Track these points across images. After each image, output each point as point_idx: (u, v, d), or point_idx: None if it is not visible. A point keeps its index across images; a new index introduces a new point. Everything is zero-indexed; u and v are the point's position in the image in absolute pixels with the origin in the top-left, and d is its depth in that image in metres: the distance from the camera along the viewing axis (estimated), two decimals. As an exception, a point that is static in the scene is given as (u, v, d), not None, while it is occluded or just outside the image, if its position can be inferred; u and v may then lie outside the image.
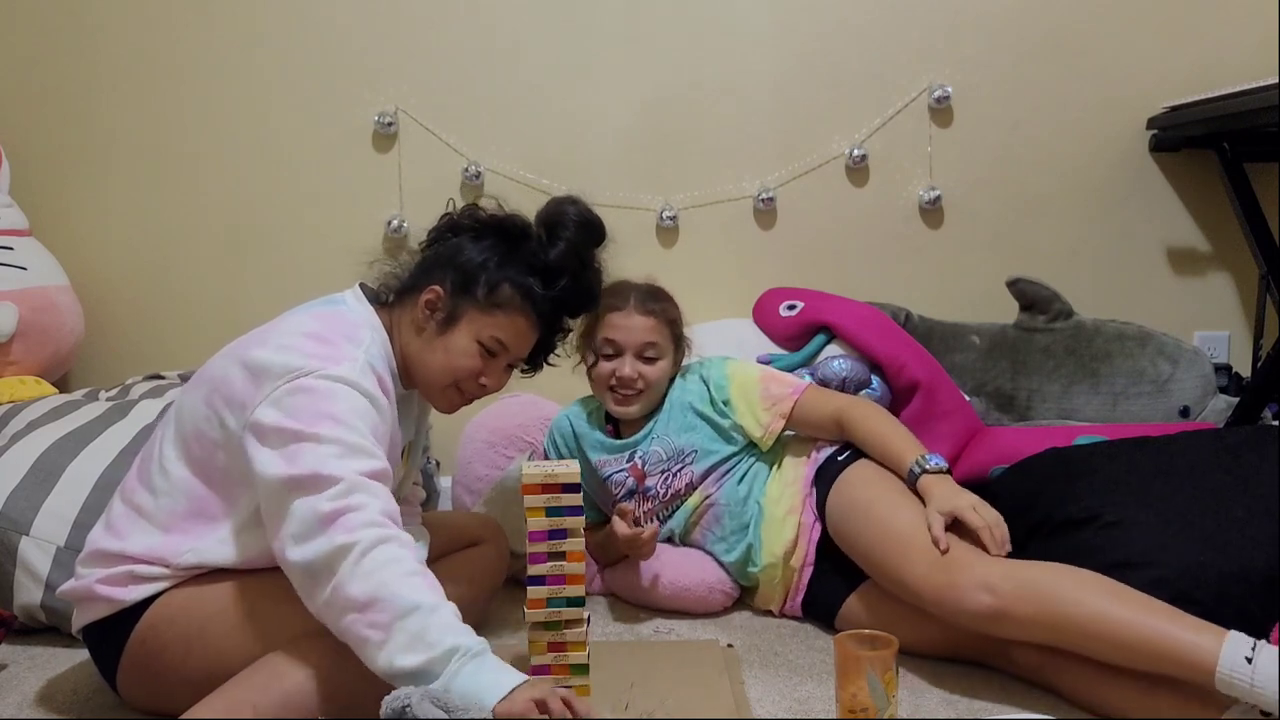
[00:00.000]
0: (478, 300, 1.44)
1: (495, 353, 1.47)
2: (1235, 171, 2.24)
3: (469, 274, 1.45)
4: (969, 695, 1.45)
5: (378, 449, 1.28)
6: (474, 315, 1.45)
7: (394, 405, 1.41)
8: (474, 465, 2.09)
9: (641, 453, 1.85)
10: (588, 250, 1.52)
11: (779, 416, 1.78)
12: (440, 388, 1.48)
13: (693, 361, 1.94)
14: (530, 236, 1.50)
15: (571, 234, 1.50)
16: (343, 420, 1.25)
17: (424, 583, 1.19)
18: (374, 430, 1.29)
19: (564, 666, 1.43)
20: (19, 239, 2.29)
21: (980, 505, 1.50)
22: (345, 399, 1.27)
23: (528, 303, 1.47)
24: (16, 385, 2.12)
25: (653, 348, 1.83)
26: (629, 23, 2.39)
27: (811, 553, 1.73)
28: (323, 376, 1.28)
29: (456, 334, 1.45)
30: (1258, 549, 1.44)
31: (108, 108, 2.43)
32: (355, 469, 1.22)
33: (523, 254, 1.47)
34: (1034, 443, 1.94)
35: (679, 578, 1.78)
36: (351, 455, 1.23)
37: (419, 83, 2.40)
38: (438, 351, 1.45)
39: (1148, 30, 2.37)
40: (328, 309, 1.44)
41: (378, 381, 1.35)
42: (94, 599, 1.34)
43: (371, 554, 1.17)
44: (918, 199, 2.42)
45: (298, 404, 1.26)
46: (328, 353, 1.32)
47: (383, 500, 1.23)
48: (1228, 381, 2.31)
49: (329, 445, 1.23)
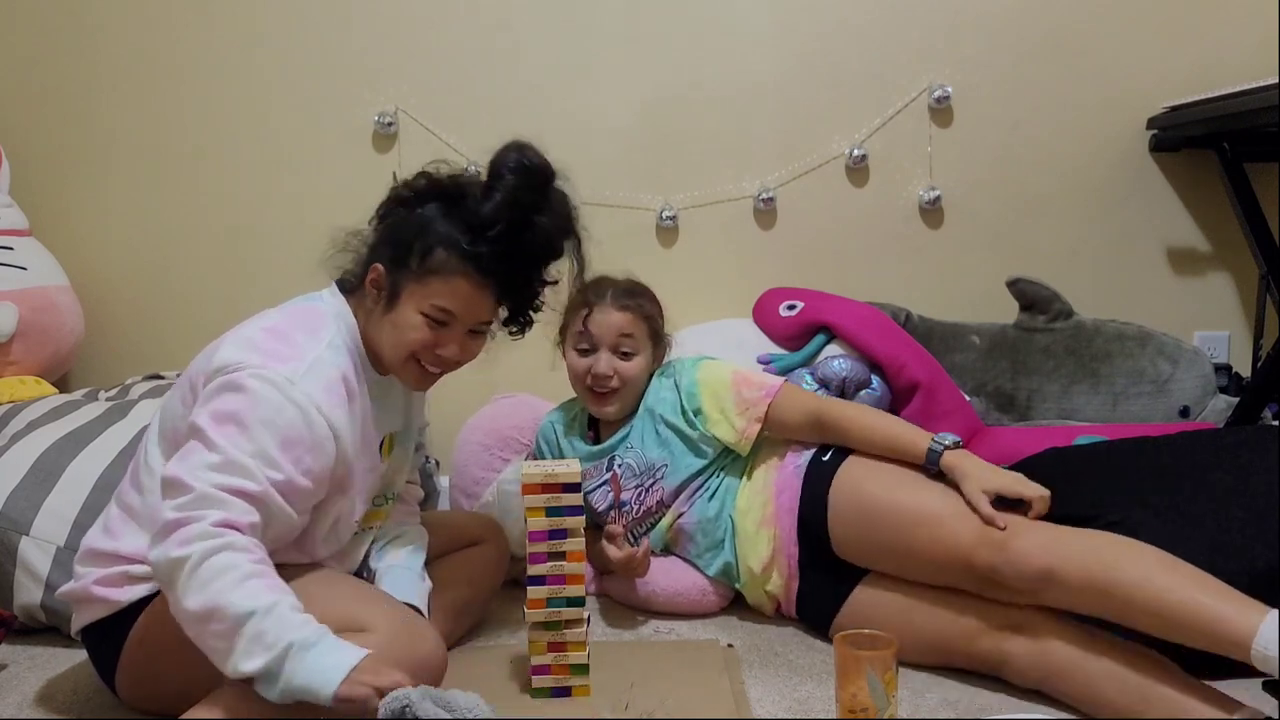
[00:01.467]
0: (412, 270, 1.39)
1: (444, 321, 1.40)
2: (1235, 171, 2.24)
3: (402, 245, 1.40)
4: (969, 695, 1.45)
5: (269, 469, 1.25)
6: (412, 287, 1.39)
7: (363, 396, 1.40)
8: (470, 468, 2.08)
9: (619, 460, 1.83)
10: (529, 195, 1.41)
11: (754, 421, 1.73)
12: (399, 365, 1.43)
13: (669, 361, 1.89)
14: (466, 193, 1.41)
15: (510, 181, 1.40)
16: (249, 428, 1.24)
17: (261, 585, 1.17)
18: (284, 442, 1.26)
19: (564, 666, 1.43)
20: (19, 239, 2.29)
21: (1022, 479, 1.48)
22: (265, 405, 1.26)
23: (467, 263, 1.38)
24: (16, 385, 2.12)
25: (629, 341, 1.79)
26: (629, 23, 2.39)
27: (794, 567, 1.69)
28: (255, 375, 1.27)
29: (400, 309, 1.40)
30: (1258, 549, 1.44)
31: (108, 108, 2.43)
32: (217, 482, 1.21)
33: (459, 213, 1.40)
34: (1034, 443, 1.94)
35: (672, 584, 1.78)
36: (224, 470, 1.22)
37: (419, 83, 2.40)
38: (387, 329, 1.41)
39: (1148, 30, 2.37)
40: (302, 304, 1.43)
41: (338, 378, 1.34)
42: (91, 600, 1.34)
43: (204, 565, 1.16)
44: (918, 199, 2.42)
45: (219, 401, 1.26)
46: (275, 349, 1.31)
47: (232, 512, 1.21)
48: (1228, 381, 2.31)
49: (211, 454, 1.23)
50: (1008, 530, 1.41)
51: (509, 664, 1.54)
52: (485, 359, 2.24)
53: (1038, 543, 1.38)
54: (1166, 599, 1.25)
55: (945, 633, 1.49)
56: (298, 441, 1.27)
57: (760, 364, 2.19)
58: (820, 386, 2.12)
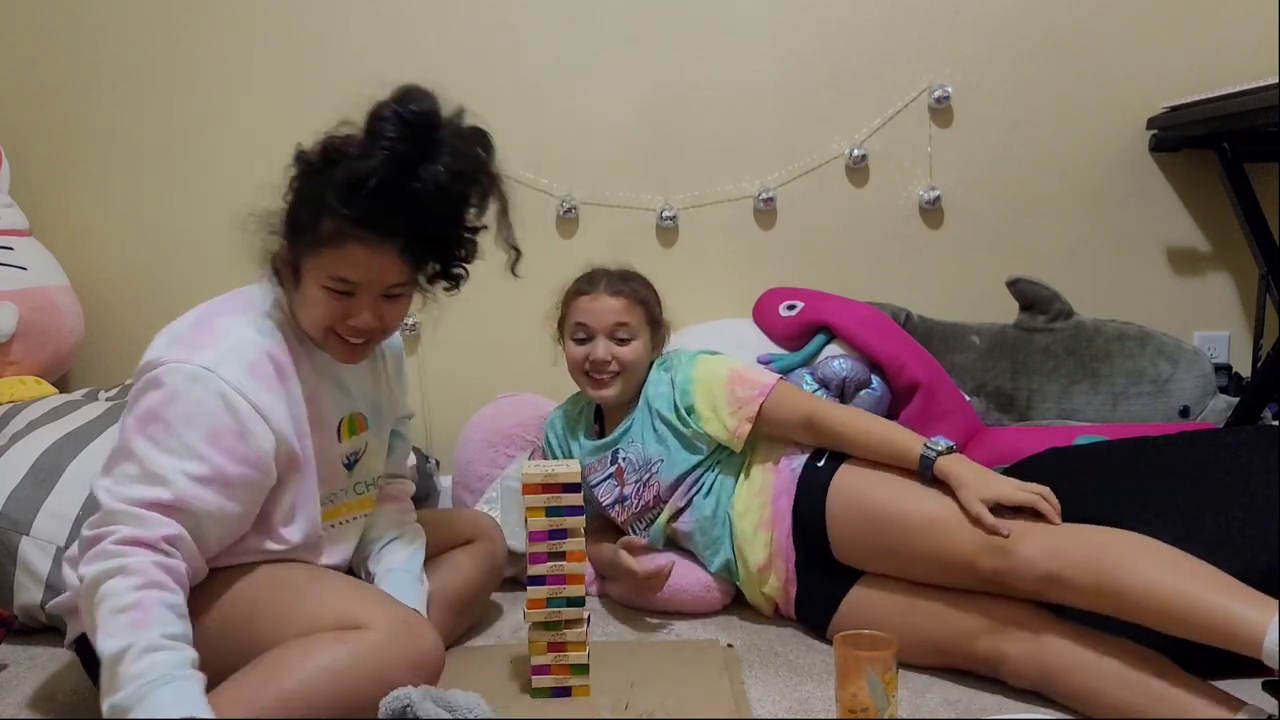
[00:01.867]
0: (307, 244, 1.33)
1: (348, 291, 1.34)
2: (1235, 171, 2.24)
3: (292, 220, 1.35)
4: (969, 695, 1.45)
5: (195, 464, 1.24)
6: (310, 261, 1.34)
7: (308, 374, 1.38)
8: (474, 465, 2.09)
9: (623, 454, 1.83)
10: (410, 144, 1.30)
11: (745, 420, 1.72)
12: (320, 341, 1.40)
13: (671, 352, 1.89)
14: (345, 153, 1.31)
15: (385, 129, 1.30)
16: (172, 425, 1.24)
17: (124, 621, 1.14)
18: (211, 434, 1.25)
19: (564, 666, 1.43)
20: (19, 239, 2.29)
21: (1021, 485, 1.47)
22: (185, 399, 1.25)
23: (356, 227, 1.29)
24: (16, 385, 2.12)
25: (624, 328, 1.80)
26: (629, 23, 2.39)
27: (791, 570, 1.68)
28: (173, 370, 1.26)
29: (305, 285, 1.35)
30: (1258, 549, 1.44)
31: (108, 108, 2.43)
32: (130, 496, 1.21)
33: (342, 173, 1.29)
34: (1034, 443, 1.94)
35: (676, 579, 1.77)
36: (140, 481, 1.22)
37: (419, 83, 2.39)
38: (300, 307, 1.38)
39: (1148, 30, 2.37)
40: (237, 291, 1.42)
41: (262, 358, 1.32)
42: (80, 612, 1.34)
43: (97, 590, 1.17)
44: (918, 199, 2.42)
45: (142, 402, 1.26)
46: (195, 338, 1.30)
47: (142, 527, 1.20)
48: (1228, 381, 2.31)
49: (129, 464, 1.23)
50: (1011, 535, 1.41)
51: (509, 664, 1.54)
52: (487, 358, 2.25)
53: (1042, 547, 1.37)
54: (1176, 597, 1.25)
55: (943, 633, 1.49)
56: (225, 430, 1.26)
57: (760, 364, 2.19)
58: (820, 386, 2.12)
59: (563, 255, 2.39)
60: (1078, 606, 1.37)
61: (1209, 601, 1.23)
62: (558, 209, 2.41)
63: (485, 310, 2.44)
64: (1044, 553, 1.37)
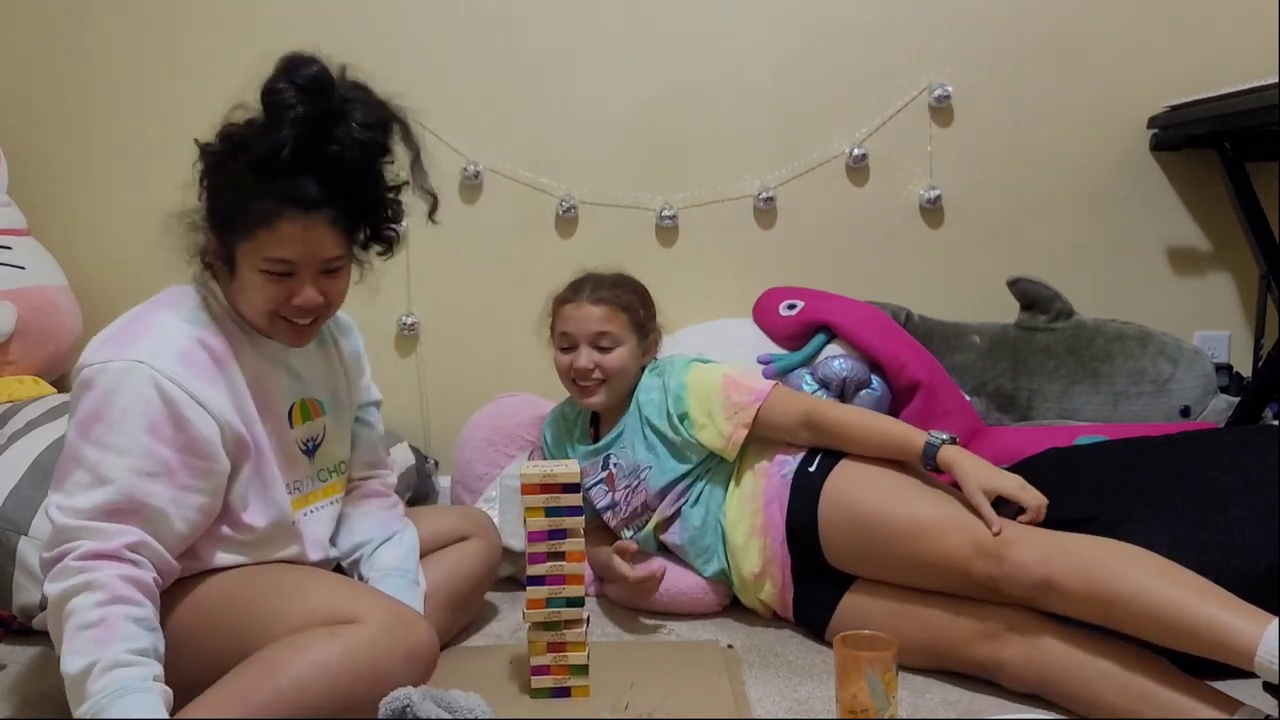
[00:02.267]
0: (236, 232, 1.31)
1: (287, 271, 1.33)
2: (1236, 171, 2.24)
3: (214, 212, 1.34)
4: (969, 695, 1.45)
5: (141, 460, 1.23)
6: (243, 248, 1.32)
7: (250, 361, 1.37)
8: (474, 464, 2.09)
9: (614, 459, 1.83)
10: (313, 107, 1.28)
11: (741, 426, 1.70)
12: (268, 327, 1.38)
13: (664, 358, 1.88)
14: (250, 133, 1.30)
15: (285, 99, 1.28)
16: (112, 423, 1.23)
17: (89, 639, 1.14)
18: (151, 426, 1.24)
19: (564, 667, 1.43)
20: (18, 239, 2.29)
21: (1023, 484, 1.48)
22: (120, 395, 1.24)
23: (282, 203, 1.28)
24: (15, 385, 2.12)
25: (606, 337, 1.78)
26: (629, 22, 2.39)
27: (787, 576, 1.67)
28: (104, 369, 1.25)
29: (241, 273, 1.34)
30: (1259, 549, 1.44)
31: (108, 108, 2.42)
32: (84, 506, 1.21)
33: (251, 156, 1.28)
34: (1034, 443, 1.94)
35: (674, 583, 1.77)
36: (90, 487, 1.21)
37: (419, 82, 2.38)
38: (240, 297, 1.36)
39: (1148, 30, 2.37)
40: (171, 288, 1.41)
41: (194, 346, 1.31)
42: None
43: (63, 607, 1.17)
44: (918, 199, 2.42)
45: (81, 406, 1.25)
46: (125, 335, 1.30)
47: (101, 539, 1.20)
48: (1228, 381, 2.31)
49: (80, 471, 1.23)
50: (1006, 540, 1.41)
51: (509, 664, 1.54)
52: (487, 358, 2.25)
53: (1036, 553, 1.37)
54: (1168, 607, 1.25)
55: (938, 638, 1.48)
56: (163, 420, 1.25)
57: (760, 364, 2.18)
58: (820, 386, 2.12)
59: (562, 255, 2.40)
60: (1069, 614, 1.37)
61: (1200, 611, 1.23)
62: (558, 209, 2.41)
63: (485, 310, 2.45)
64: (1038, 558, 1.37)
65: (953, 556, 1.45)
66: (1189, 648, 1.25)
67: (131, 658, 1.14)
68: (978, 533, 1.44)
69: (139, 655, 1.15)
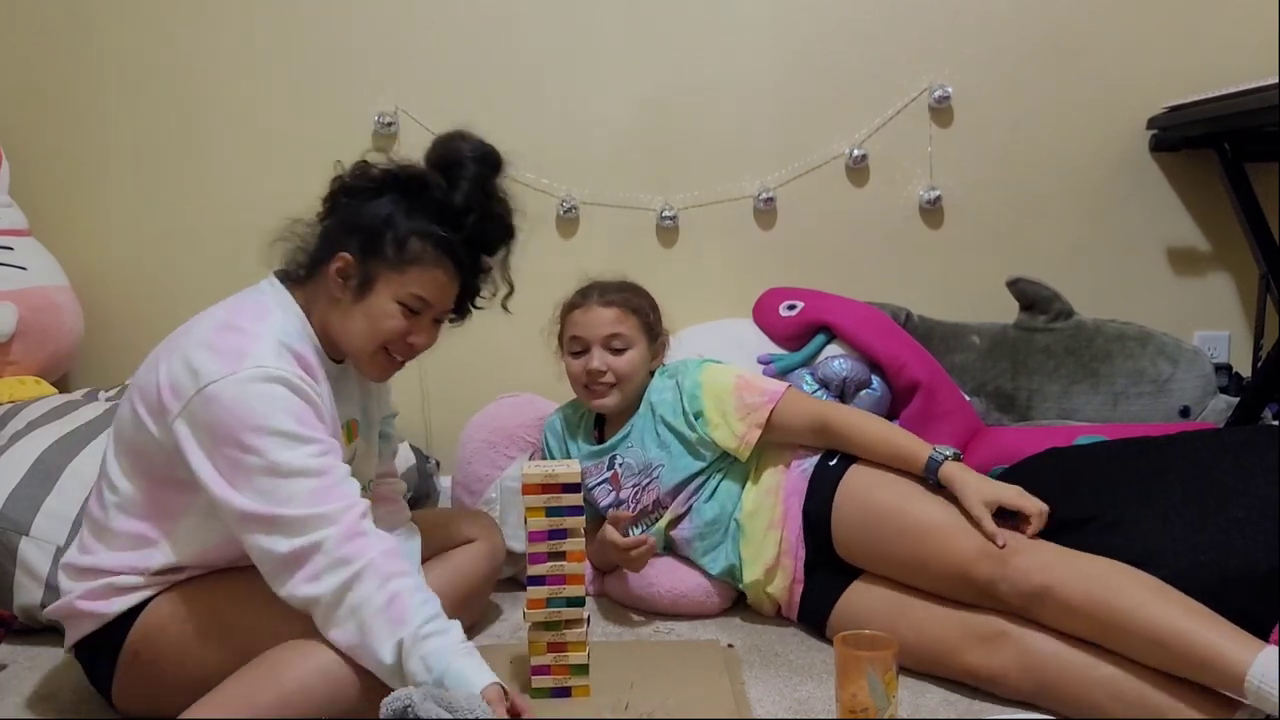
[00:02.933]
0: (389, 260, 1.39)
1: (418, 310, 1.42)
2: (1235, 171, 2.24)
3: (375, 234, 1.39)
4: (969, 695, 1.45)
5: (304, 428, 1.27)
6: (389, 276, 1.39)
7: (325, 381, 1.39)
8: (474, 465, 2.09)
9: (620, 459, 1.83)
10: (490, 183, 1.45)
11: (754, 427, 1.72)
12: (368, 355, 1.43)
13: (674, 362, 1.89)
14: (429, 183, 1.42)
15: (471, 171, 1.43)
16: (264, 425, 1.24)
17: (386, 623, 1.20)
18: (296, 415, 1.27)
19: (564, 667, 1.43)
20: (19, 239, 2.29)
21: (1022, 493, 1.50)
22: (259, 398, 1.25)
23: (441, 252, 1.41)
24: (16, 385, 2.12)
25: (618, 338, 1.80)
26: (629, 22, 2.39)
27: (800, 569, 1.69)
28: (234, 381, 1.25)
29: (375, 297, 1.39)
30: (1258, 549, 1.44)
31: (108, 108, 2.43)
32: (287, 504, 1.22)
33: (424, 202, 1.41)
34: (1034, 443, 1.94)
35: (676, 584, 1.78)
36: (287, 481, 1.23)
37: (419, 83, 2.40)
38: (358, 319, 1.40)
39: (1148, 30, 2.37)
40: (239, 296, 1.42)
41: (295, 359, 1.33)
42: (79, 615, 1.33)
43: (341, 605, 1.21)
44: (918, 199, 2.42)
45: (216, 417, 1.25)
46: (234, 343, 1.30)
47: (343, 522, 1.23)
48: (1228, 381, 2.31)
49: (261, 478, 1.23)
50: (1009, 546, 1.43)
51: (509, 664, 1.54)
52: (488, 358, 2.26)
53: (1038, 561, 1.39)
54: (1162, 626, 1.26)
55: (937, 640, 1.48)
56: (303, 409, 1.29)
57: (760, 364, 2.19)
58: (820, 387, 2.12)
59: (563, 255, 2.40)
60: (1065, 628, 1.37)
61: (1194, 634, 1.25)
62: (558, 209, 2.41)
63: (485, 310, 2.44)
64: (1040, 566, 1.38)
65: (957, 558, 1.46)
66: (1182, 670, 1.26)
67: (431, 628, 1.20)
68: (985, 538, 1.46)
69: (433, 621, 1.21)
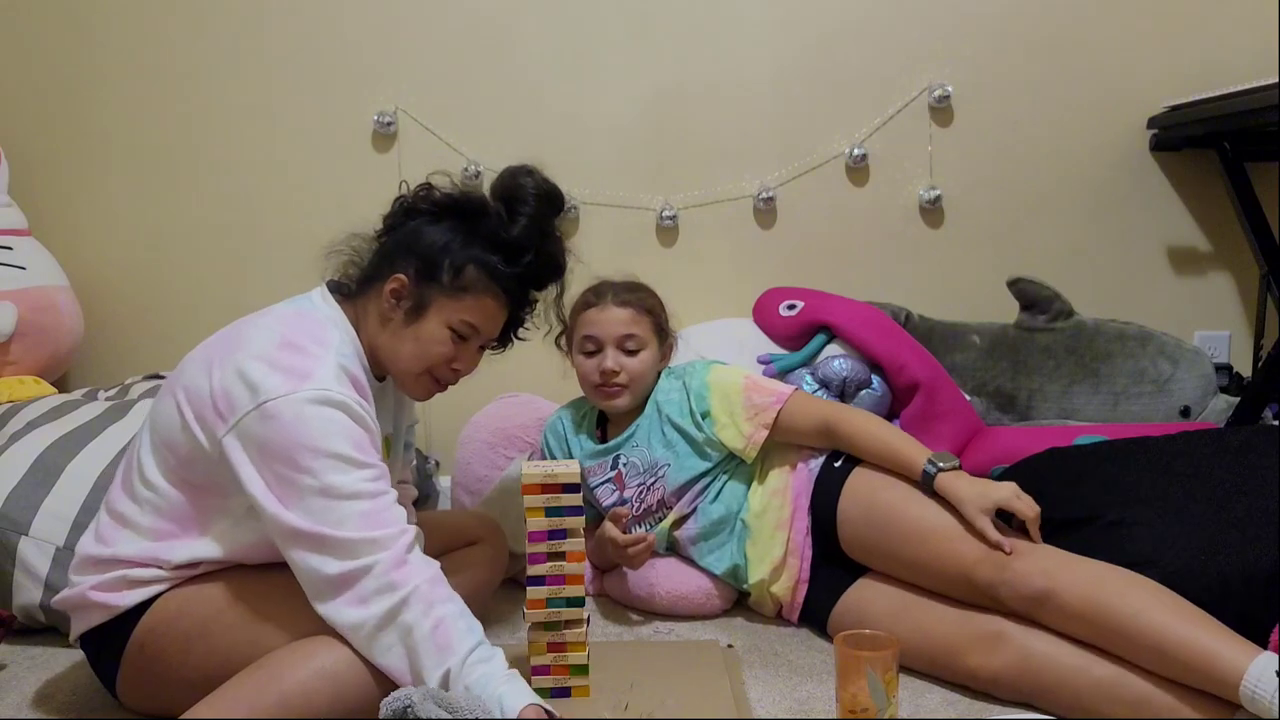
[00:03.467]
0: (444, 285, 1.41)
1: (467, 336, 1.44)
2: (1236, 171, 2.24)
3: (432, 259, 1.41)
4: (969, 696, 1.45)
5: (361, 454, 1.27)
6: (442, 301, 1.41)
7: (371, 401, 1.39)
8: (473, 466, 2.09)
9: (625, 459, 1.84)
10: (549, 222, 1.49)
11: (761, 427, 1.74)
12: (414, 376, 1.45)
13: (679, 365, 1.91)
14: (489, 213, 1.45)
15: (532, 208, 1.46)
16: (321, 448, 1.24)
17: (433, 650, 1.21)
18: (354, 440, 1.27)
19: (564, 667, 1.43)
20: (18, 239, 2.29)
21: (1018, 492, 1.51)
22: (318, 420, 1.25)
23: (495, 283, 1.43)
24: (16, 385, 2.12)
25: (632, 339, 1.81)
26: (629, 22, 2.39)
27: (806, 569, 1.70)
28: (294, 400, 1.25)
29: (426, 321, 1.41)
30: (1259, 549, 1.44)
31: (108, 108, 2.43)
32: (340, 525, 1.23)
33: (483, 232, 1.43)
34: (1034, 443, 1.94)
35: (676, 585, 1.78)
36: (339, 504, 1.23)
37: (419, 83, 2.40)
38: (408, 341, 1.42)
39: (1148, 30, 2.37)
40: (295, 309, 1.41)
41: (351, 382, 1.33)
42: (89, 606, 1.33)
43: (384, 632, 1.22)
44: (918, 199, 2.42)
45: (272, 434, 1.24)
46: (296, 363, 1.29)
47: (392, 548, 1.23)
48: (1228, 381, 2.31)
49: (313, 499, 1.23)
50: (1013, 550, 1.44)
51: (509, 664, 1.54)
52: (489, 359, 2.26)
53: (1039, 565, 1.40)
54: (1161, 631, 1.27)
55: (937, 640, 1.48)
56: (361, 436, 1.29)
57: (760, 364, 2.18)
58: (820, 387, 2.12)
59: (563, 255, 2.40)
60: (1065, 630, 1.37)
61: (1192, 639, 1.25)
62: (558, 209, 2.40)
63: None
64: (1040, 570, 1.39)
65: (958, 559, 1.47)
66: (1179, 675, 1.27)
67: (476, 656, 1.21)
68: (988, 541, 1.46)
69: (478, 649, 1.22)
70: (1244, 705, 1.20)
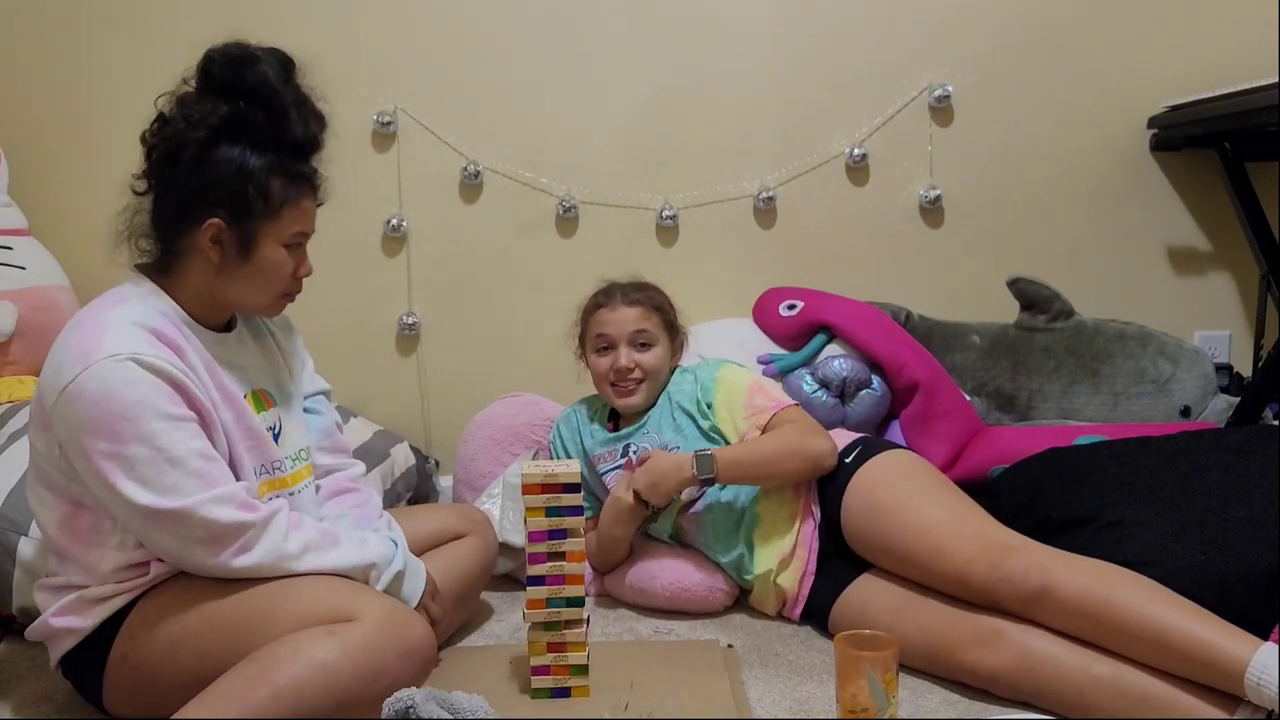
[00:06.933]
0: (261, 213, 1.36)
1: (300, 244, 1.44)
2: (1236, 171, 2.24)
3: (237, 192, 1.35)
4: (969, 695, 1.45)
5: (175, 406, 1.26)
6: (267, 227, 1.38)
7: (198, 351, 1.36)
8: (477, 462, 2.09)
9: (635, 446, 1.86)
10: (300, 91, 1.46)
11: (755, 428, 1.79)
12: (272, 301, 1.44)
13: (694, 363, 1.95)
14: (255, 120, 1.38)
15: (292, 95, 1.43)
16: (135, 418, 1.23)
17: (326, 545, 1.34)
18: (170, 397, 1.26)
19: (564, 667, 1.43)
20: (18, 239, 2.29)
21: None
22: (124, 383, 1.24)
23: (302, 183, 1.41)
24: (15, 385, 2.12)
25: (644, 335, 1.85)
26: (629, 22, 2.39)
27: (813, 562, 1.72)
28: (91, 374, 1.24)
29: (260, 251, 1.38)
30: (1259, 549, 1.44)
31: (108, 108, 2.42)
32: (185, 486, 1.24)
33: (261, 140, 1.37)
34: (1034, 443, 1.94)
35: (679, 578, 1.78)
36: (174, 469, 1.24)
37: (419, 82, 2.40)
38: (252, 276, 1.39)
39: (1148, 30, 2.37)
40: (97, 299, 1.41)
41: (152, 335, 1.30)
42: (56, 634, 1.34)
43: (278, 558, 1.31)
44: (918, 199, 2.42)
45: (89, 417, 1.23)
46: (84, 339, 1.28)
47: (229, 508, 1.27)
48: (1228, 381, 2.31)
49: (148, 468, 1.23)
50: (1010, 547, 1.44)
51: (509, 664, 1.54)
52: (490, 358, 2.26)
53: (1036, 563, 1.40)
54: (1160, 625, 1.27)
55: (937, 637, 1.48)
56: (170, 389, 1.27)
57: (760, 364, 2.19)
58: (820, 387, 2.12)
59: (563, 255, 2.40)
60: (1063, 628, 1.37)
61: (1193, 633, 1.25)
62: (557, 209, 2.41)
63: (485, 310, 2.45)
64: (1037, 567, 1.39)
65: (955, 559, 1.47)
66: (1181, 669, 1.27)
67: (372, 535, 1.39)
68: (984, 540, 1.47)
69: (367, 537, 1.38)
70: (1248, 695, 1.19)
